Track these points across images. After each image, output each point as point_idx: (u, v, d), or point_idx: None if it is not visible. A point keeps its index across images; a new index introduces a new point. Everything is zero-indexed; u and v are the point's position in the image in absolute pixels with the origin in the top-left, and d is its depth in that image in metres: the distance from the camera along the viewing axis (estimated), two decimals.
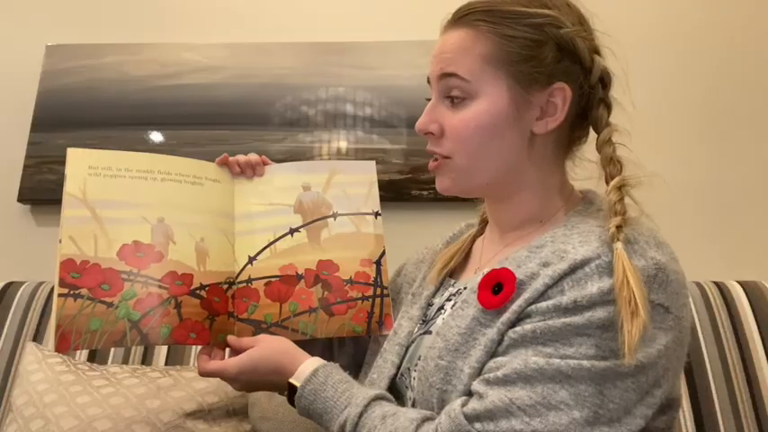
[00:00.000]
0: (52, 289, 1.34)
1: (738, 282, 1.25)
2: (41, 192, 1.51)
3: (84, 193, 0.76)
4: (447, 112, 0.70)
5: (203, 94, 1.55)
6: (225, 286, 0.80)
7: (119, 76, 1.58)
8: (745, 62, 1.54)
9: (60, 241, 0.74)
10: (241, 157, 0.89)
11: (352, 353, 0.91)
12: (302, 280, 0.81)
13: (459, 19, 0.71)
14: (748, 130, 1.50)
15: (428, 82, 0.74)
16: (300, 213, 0.85)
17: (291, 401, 0.71)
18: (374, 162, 0.91)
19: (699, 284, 1.25)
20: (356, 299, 0.82)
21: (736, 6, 1.57)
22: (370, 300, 0.82)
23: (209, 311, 0.77)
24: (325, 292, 0.81)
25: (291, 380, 0.70)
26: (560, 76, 0.68)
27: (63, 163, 0.79)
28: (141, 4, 1.65)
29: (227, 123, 1.53)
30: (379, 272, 0.84)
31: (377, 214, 0.87)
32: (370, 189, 0.88)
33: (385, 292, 0.84)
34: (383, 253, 0.85)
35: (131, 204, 0.77)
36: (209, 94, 1.55)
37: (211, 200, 0.82)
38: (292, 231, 0.84)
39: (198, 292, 0.77)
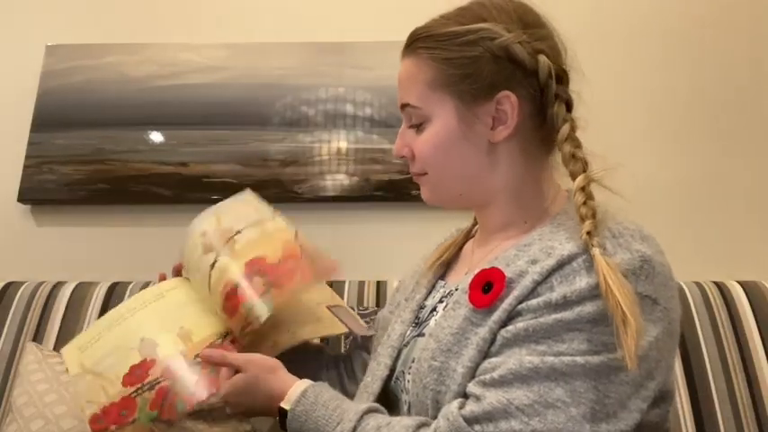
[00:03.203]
0: (52, 289, 1.34)
1: (738, 282, 1.26)
2: (41, 192, 1.51)
3: (83, 367, 0.87)
4: (413, 136, 0.75)
5: (203, 94, 1.55)
6: (219, 340, 0.86)
7: (119, 77, 1.58)
8: (744, 59, 1.54)
9: (83, 410, 0.84)
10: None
11: (361, 378, 0.92)
12: (239, 286, 0.85)
13: (407, 48, 0.75)
14: (750, 130, 1.50)
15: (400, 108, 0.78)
16: (211, 250, 0.91)
17: (284, 426, 0.71)
18: (248, 189, 0.98)
19: (699, 284, 1.25)
20: (294, 267, 0.86)
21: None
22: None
23: (212, 364, 0.83)
24: (266, 277, 0.85)
25: (282, 404, 0.71)
26: (503, 84, 0.69)
27: (63, 163, 0.83)
28: (141, 4, 1.65)
29: (227, 123, 1.53)
30: (299, 244, 0.89)
31: (274, 214, 0.93)
32: (256, 205, 0.95)
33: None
34: (296, 231, 0.90)
35: (117, 347, 0.87)
36: (209, 94, 1.55)
37: (176, 300, 0.92)
38: (212, 265, 0.89)
39: (195, 360, 0.84)
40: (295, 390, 0.71)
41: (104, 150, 1.52)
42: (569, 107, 0.70)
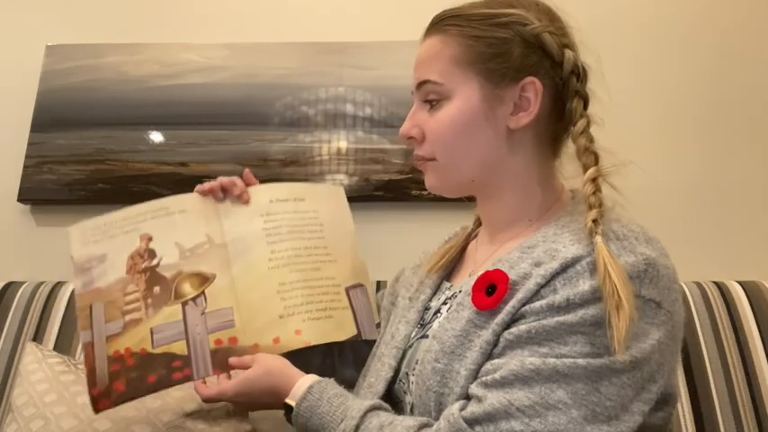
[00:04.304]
0: (52, 289, 1.34)
1: (738, 282, 1.25)
2: (41, 192, 1.51)
3: None
4: (426, 116, 0.73)
5: (203, 94, 1.55)
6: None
7: (119, 76, 1.58)
8: (742, 58, 1.54)
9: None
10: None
11: (352, 360, 0.92)
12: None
13: (432, 27, 0.74)
14: (748, 129, 1.50)
15: (412, 93, 0.76)
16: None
17: (290, 421, 0.72)
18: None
19: (699, 284, 1.25)
20: None
21: (730, 3, 1.57)
22: None
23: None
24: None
25: (287, 399, 0.72)
26: (530, 70, 0.69)
27: (63, 163, 0.83)
28: (141, 4, 1.65)
29: (227, 123, 1.53)
30: None
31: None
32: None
33: None
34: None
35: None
36: (209, 94, 1.55)
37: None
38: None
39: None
40: (300, 386, 0.72)
41: (104, 150, 1.52)
42: (586, 104, 0.71)
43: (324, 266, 0.90)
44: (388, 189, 1.48)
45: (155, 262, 0.86)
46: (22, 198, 1.51)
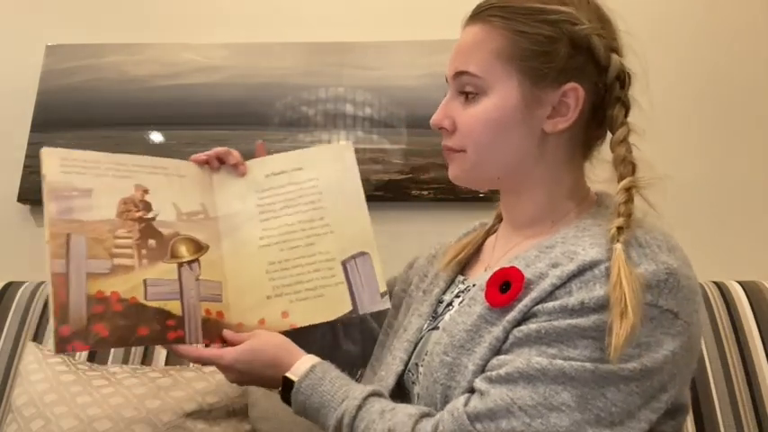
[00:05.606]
0: None
1: (738, 282, 1.25)
2: (41, 192, 1.50)
3: None
4: (460, 108, 0.71)
5: (203, 94, 1.55)
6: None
7: (119, 76, 1.58)
8: (743, 58, 1.54)
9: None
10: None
11: (360, 338, 0.92)
12: None
13: (475, 15, 0.71)
14: (748, 130, 1.50)
15: (447, 81, 0.74)
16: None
17: (285, 398, 0.71)
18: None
19: (699, 284, 1.25)
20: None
21: (737, 6, 1.57)
22: None
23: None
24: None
25: (288, 374, 0.71)
26: (573, 73, 0.67)
27: None
28: (141, 4, 1.65)
29: (227, 123, 1.53)
30: None
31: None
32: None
33: None
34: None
35: None
36: (209, 94, 1.55)
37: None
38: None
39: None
40: (302, 363, 0.71)
41: (104, 150, 1.52)
42: (627, 112, 0.69)
43: (319, 240, 0.86)
44: (388, 189, 1.48)
45: (150, 215, 0.83)
46: (22, 198, 1.51)
